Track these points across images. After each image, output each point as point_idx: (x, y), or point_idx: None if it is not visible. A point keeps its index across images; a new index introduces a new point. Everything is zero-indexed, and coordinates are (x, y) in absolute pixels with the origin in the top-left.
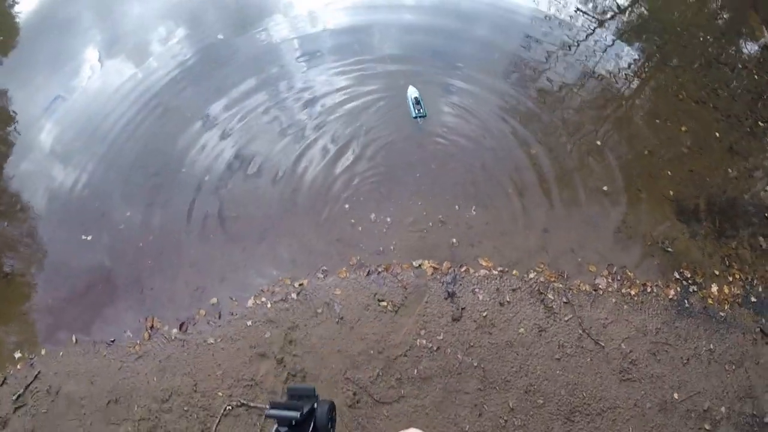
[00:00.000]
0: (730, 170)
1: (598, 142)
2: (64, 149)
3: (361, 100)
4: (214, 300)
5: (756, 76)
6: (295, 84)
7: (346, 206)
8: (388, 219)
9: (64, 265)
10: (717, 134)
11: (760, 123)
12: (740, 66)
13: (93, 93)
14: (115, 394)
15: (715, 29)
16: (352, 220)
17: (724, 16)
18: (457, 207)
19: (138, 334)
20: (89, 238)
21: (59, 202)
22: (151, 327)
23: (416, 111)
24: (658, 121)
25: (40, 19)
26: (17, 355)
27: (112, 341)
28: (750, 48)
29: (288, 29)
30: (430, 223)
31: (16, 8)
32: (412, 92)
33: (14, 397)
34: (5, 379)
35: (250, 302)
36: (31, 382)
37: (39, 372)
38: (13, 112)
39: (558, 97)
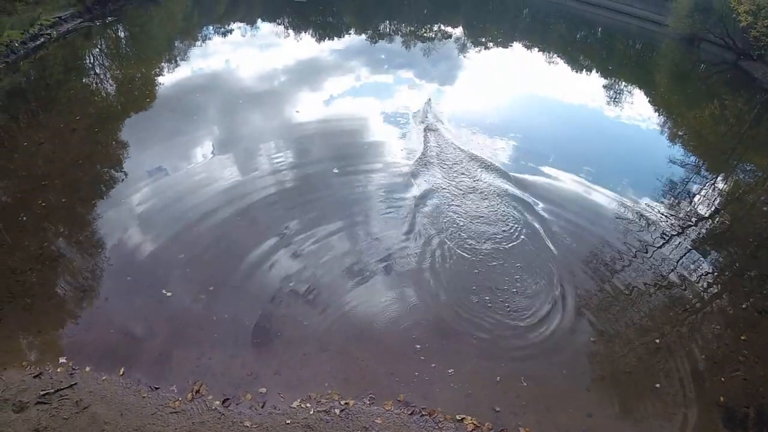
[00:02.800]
0: None
1: (657, 341)
2: (154, 215)
3: (435, 262)
4: (263, 389)
5: None
6: (377, 234)
7: (417, 347)
8: (449, 370)
9: (138, 306)
10: None
11: None
12: None
13: (194, 177)
14: None
15: None
16: (414, 361)
17: None
18: (509, 375)
19: (183, 392)
20: (169, 294)
21: (140, 254)
22: (197, 391)
23: None
24: (718, 327)
25: (176, 95)
26: (62, 360)
27: (157, 388)
28: None
29: (387, 183)
30: (483, 383)
31: (161, 78)
32: None
33: (42, 392)
34: (41, 373)
35: (296, 403)
36: (64, 389)
37: (75, 383)
38: (123, 162)
39: (627, 292)
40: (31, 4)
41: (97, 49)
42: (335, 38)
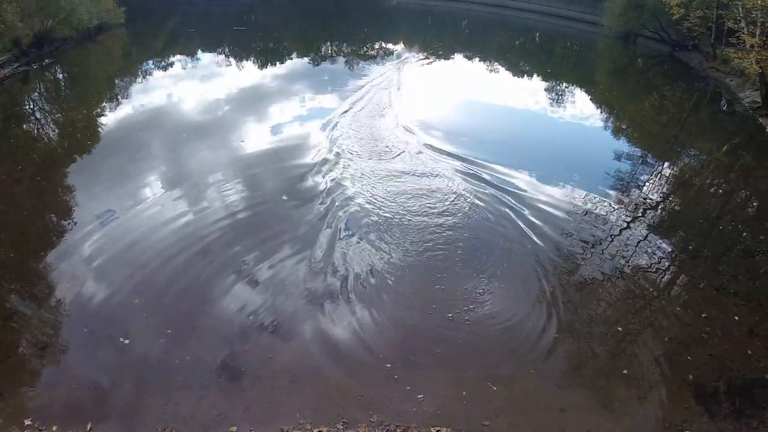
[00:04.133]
0: (749, 351)
1: (620, 329)
2: (106, 261)
3: (388, 277)
4: (234, 428)
5: None
6: (328, 256)
7: (388, 365)
8: (413, 383)
9: (99, 357)
10: (737, 318)
11: None
12: (760, 251)
13: (144, 218)
14: None
15: (739, 219)
16: (383, 381)
17: (753, 204)
18: (479, 380)
19: None
20: (127, 342)
21: (95, 303)
22: None
23: None
24: (678, 309)
25: (119, 134)
26: (27, 422)
27: None
28: None
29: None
30: (452, 393)
31: (103, 119)
32: None
33: None
34: None
35: None
36: None
37: None
38: (71, 209)
39: (586, 285)
40: None
41: (36, 94)
42: (277, 63)
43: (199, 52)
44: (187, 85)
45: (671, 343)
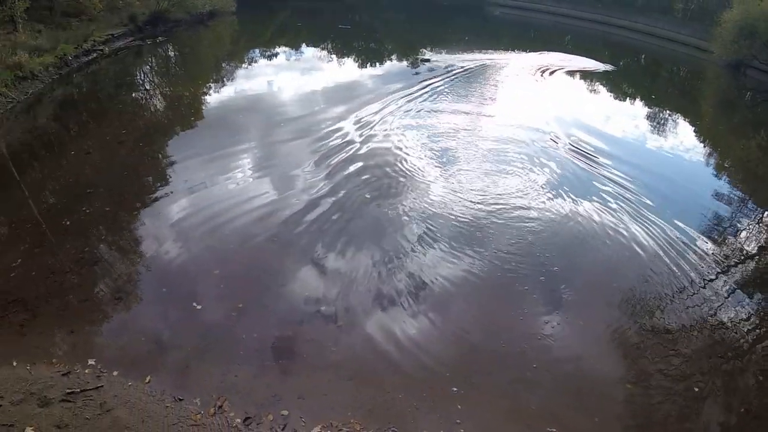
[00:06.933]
0: None
1: (696, 389)
2: (193, 229)
3: (466, 289)
4: (285, 412)
5: None
6: (404, 259)
7: (451, 385)
8: (471, 406)
9: (169, 316)
10: None
11: None
12: None
13: (233, 194)
14: None
15: None
16: (441, 396)
17: None
18: (540, 419)
19: (206, 405)
20: (199, 307)
21: (176, 266)
22: (220, 406)
23: None
24: (761, 377)
25: (220, 114)
26: (91, 361)
27: (181, 399)
28: None
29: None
30: (509, 426)
31: (207, 98)
32: None
33: (68, 391)
34: (69, 372)
35: (316, 429)
36: (90, 390)
37: (102, 386)
38: (167, 176)
39: (665, 337)
40: (84, 21)
41: (147, 67)
42: (377, 64)
43: (304, 45)
44: (288, 76)
45: (746, 415)
